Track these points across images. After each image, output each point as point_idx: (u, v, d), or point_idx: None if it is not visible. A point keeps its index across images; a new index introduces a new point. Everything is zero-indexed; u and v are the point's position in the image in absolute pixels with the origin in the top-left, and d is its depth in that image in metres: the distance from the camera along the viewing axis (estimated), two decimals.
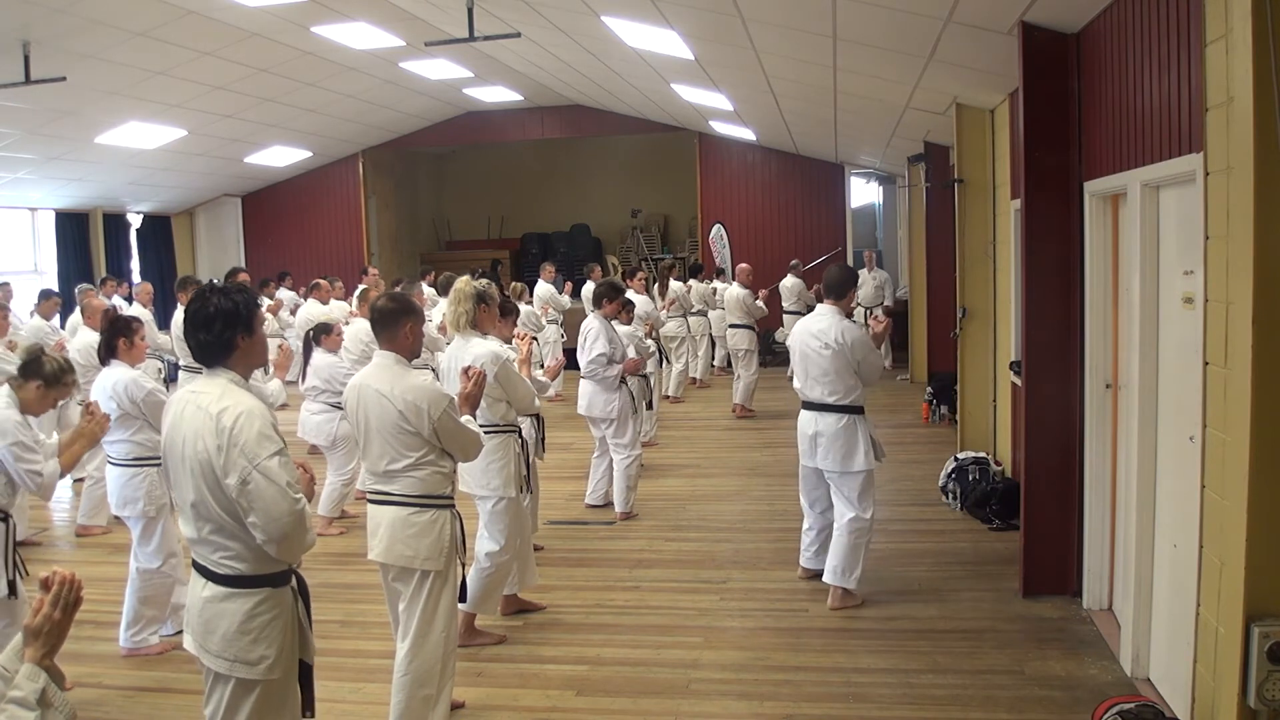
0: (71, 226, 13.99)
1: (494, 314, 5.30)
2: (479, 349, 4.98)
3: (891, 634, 5.09)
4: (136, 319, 5.48)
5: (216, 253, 16.76)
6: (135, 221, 15.34)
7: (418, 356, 4.17)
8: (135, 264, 15.37)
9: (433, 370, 6.00)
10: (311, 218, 16.67)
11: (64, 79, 8.35)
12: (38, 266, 13.71)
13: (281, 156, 14.98)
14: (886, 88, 8.14)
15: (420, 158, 19.03)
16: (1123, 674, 4.47)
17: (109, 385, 5.11)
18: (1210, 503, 3.46)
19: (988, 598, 5.49)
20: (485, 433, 4.66)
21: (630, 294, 9.00)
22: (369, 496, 4.14)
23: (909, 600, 5.51)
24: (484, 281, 5.34)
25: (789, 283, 13.40)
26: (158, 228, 15.92)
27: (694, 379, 13.13)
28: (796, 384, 5.63)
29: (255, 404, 2.92)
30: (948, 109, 8.33)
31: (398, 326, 3.97)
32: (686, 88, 10.94)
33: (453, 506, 4.06)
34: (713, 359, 13.86)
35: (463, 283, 5.17)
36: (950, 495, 7.28)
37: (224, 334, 2.94)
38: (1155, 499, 4.30)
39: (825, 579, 5.44)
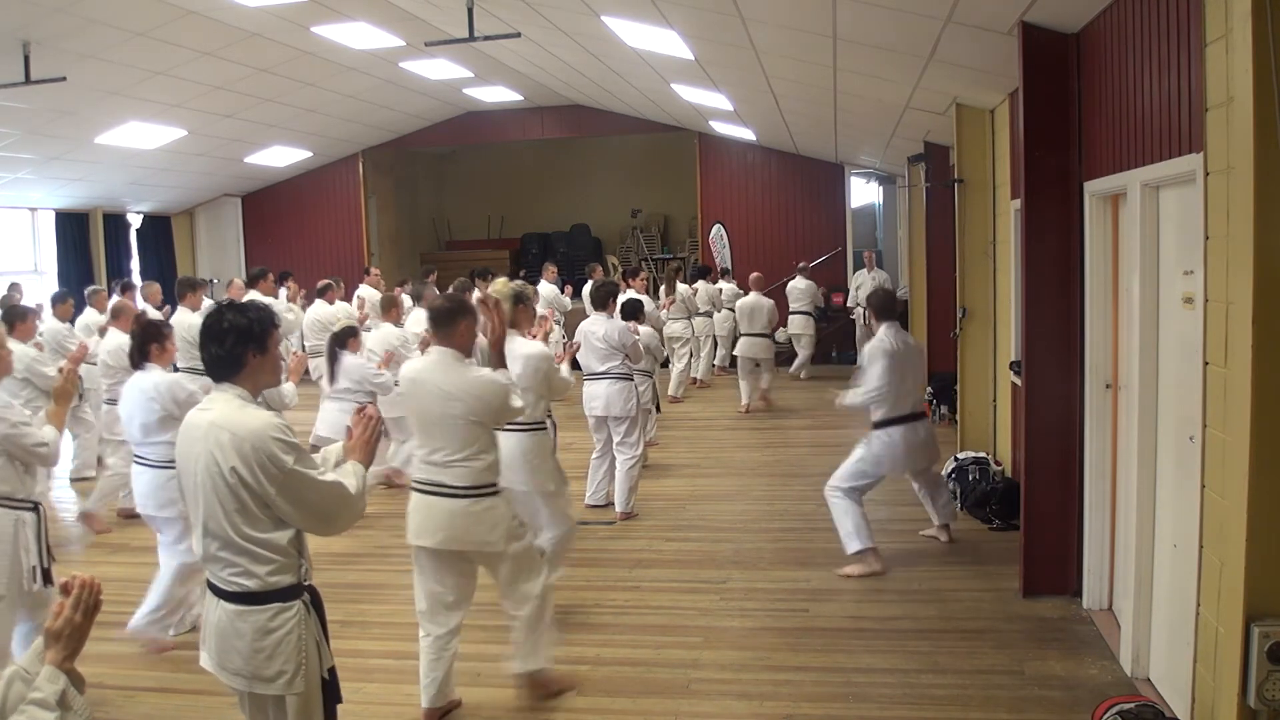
0: (71, 226, 13.98)
1: (531, 313, 5.50)
2: (527, 349, 5.20)
3: (891, 634, 5.09)
4: (168, 324, 5.63)
5: (216, 253, 16.76)
6: (135, 221, 15.32)
7: (470, 355, 4.33)
8: (135, 264, 15.36)
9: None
10: (311, 218, 16.66)
11: (64, 79, 8.34)
12: (38, 266, 13.71)
13: (281, 156, 14.97)
14: (886, 88, 8.14)
15: (420, 158, 19.02)
16: (1123, 674, 4.47)
17: (149, 387, 5.18)
18: (1210, 503, 3.46)
19: (988, 598, 5.49)
20: (533, 430, 5.18)
21: (631, 293, 9.09)
22: (415, 486, 4.26)
23: (909, 600, 5.51)
24: (519, 282, 5.52)
25: (800, 285, 13.47)
26: (158, 228, 15.91)
27: (694, 379, 13.15)
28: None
29: (267, 416, 2.96)
30: (948, 109, 8.33)
31: (455, 324, 4.18)
32: (686, 88, 10.94)
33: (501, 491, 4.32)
34: (714, 359, 13.89)
35: (501, 284, 5.37)
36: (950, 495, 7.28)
37: (235, 349, 2.96)
38: (1155, 499, 4.30)
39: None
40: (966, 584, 5.72)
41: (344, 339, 7.59)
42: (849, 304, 14.45)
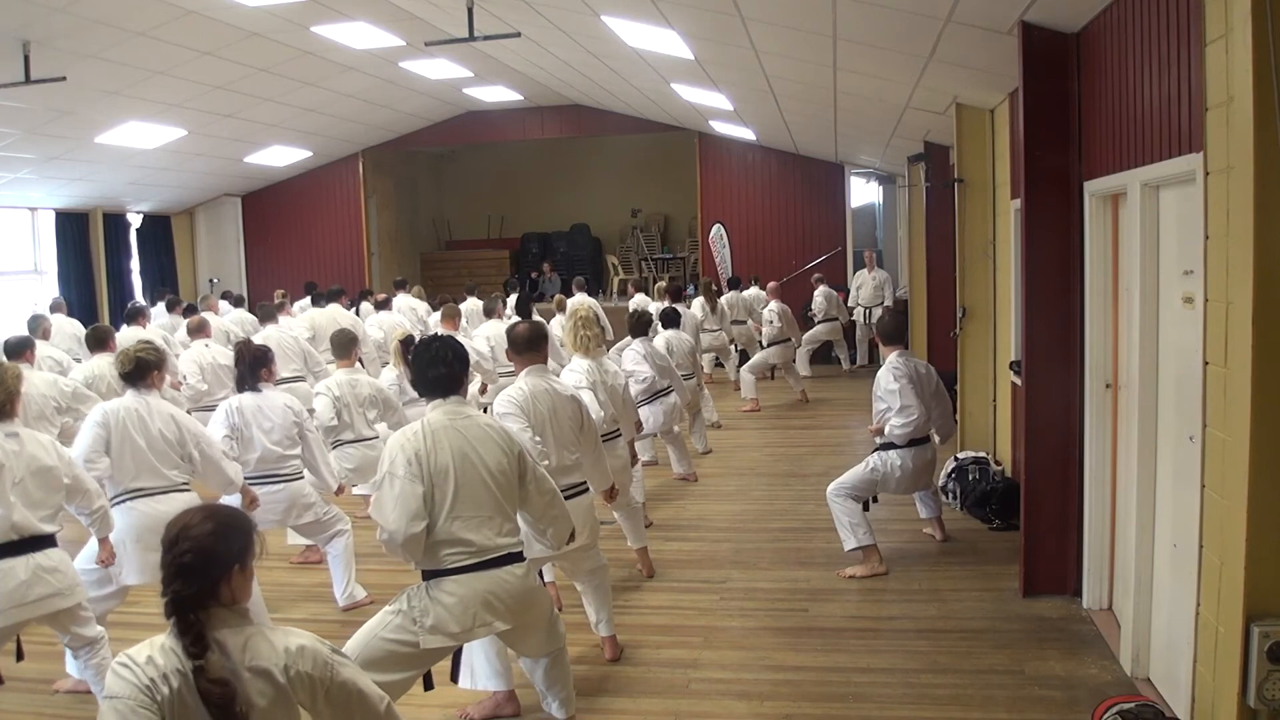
0: (71, 226, 13.98)
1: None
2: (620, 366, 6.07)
3: (891, 634, 5.10)
4: (270, 349, 5.89)
5: (216, 253, 16.79)
6: (135, 221, 15.34)
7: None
8: (135, 264, 15.38)
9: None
10: (311, 218, 16.68)
11: (64, 79, 8.34)
12: (38, 266, 13.71)
13: (281, 156, 14.98)
14: (886, 87, 8.14)
15: (420, 158, 19.03)
16: (1123, 674, 4.47)
17: (288, 405, 5.57)
18: (1210, 502, 3.46)
19: (988, 598, 5.49)
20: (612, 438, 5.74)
21: (640, 299, 9.40)
22: None
23: (909, 600, 5.52)
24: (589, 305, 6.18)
25: (820, 300, 13.52)
26: (158, 227, 15.92)
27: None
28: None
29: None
30: (948, 109, 8.33)
31: (543, 344, 4.79)
32: (686, 87, 10.94)
33: None
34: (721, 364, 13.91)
35: (585, 309, 5.81)
36: (950, 495, 7.28)
37: (456, 371, 3.64)
38: (1155, 499, 4.29)
39: None
40: (966, 584, 5.72)
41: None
42: (849, 304, 14.47)
